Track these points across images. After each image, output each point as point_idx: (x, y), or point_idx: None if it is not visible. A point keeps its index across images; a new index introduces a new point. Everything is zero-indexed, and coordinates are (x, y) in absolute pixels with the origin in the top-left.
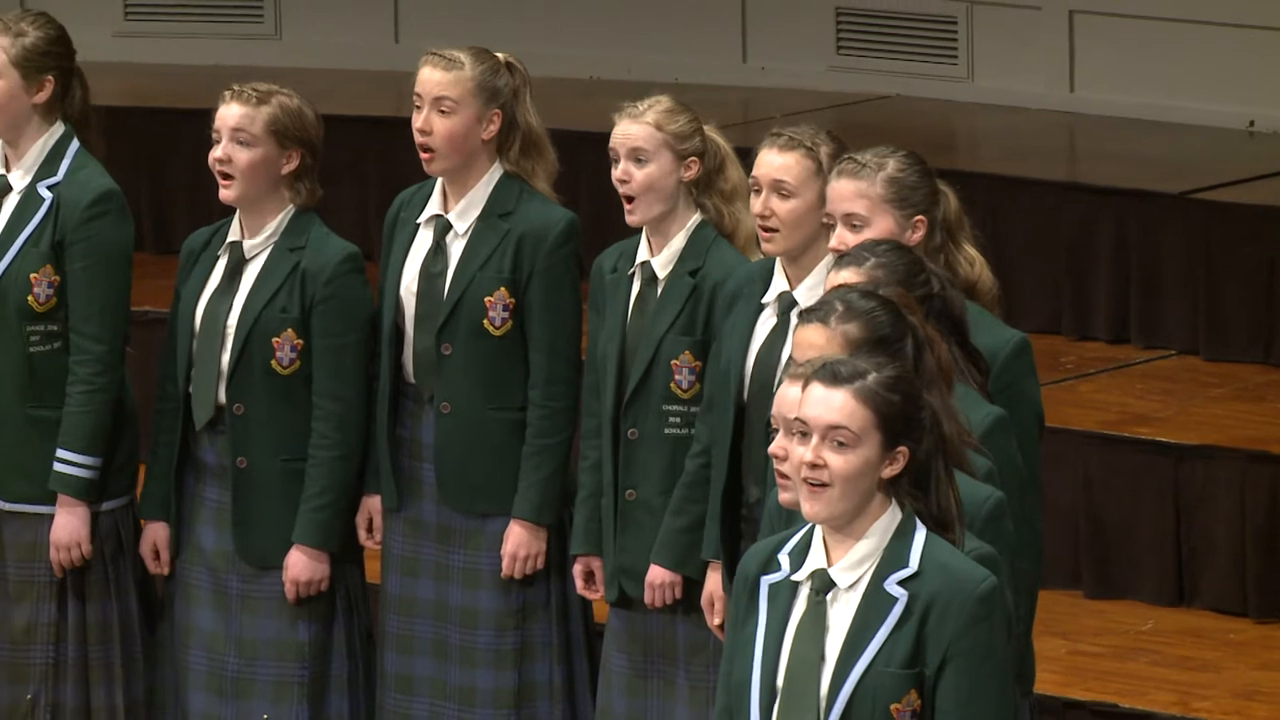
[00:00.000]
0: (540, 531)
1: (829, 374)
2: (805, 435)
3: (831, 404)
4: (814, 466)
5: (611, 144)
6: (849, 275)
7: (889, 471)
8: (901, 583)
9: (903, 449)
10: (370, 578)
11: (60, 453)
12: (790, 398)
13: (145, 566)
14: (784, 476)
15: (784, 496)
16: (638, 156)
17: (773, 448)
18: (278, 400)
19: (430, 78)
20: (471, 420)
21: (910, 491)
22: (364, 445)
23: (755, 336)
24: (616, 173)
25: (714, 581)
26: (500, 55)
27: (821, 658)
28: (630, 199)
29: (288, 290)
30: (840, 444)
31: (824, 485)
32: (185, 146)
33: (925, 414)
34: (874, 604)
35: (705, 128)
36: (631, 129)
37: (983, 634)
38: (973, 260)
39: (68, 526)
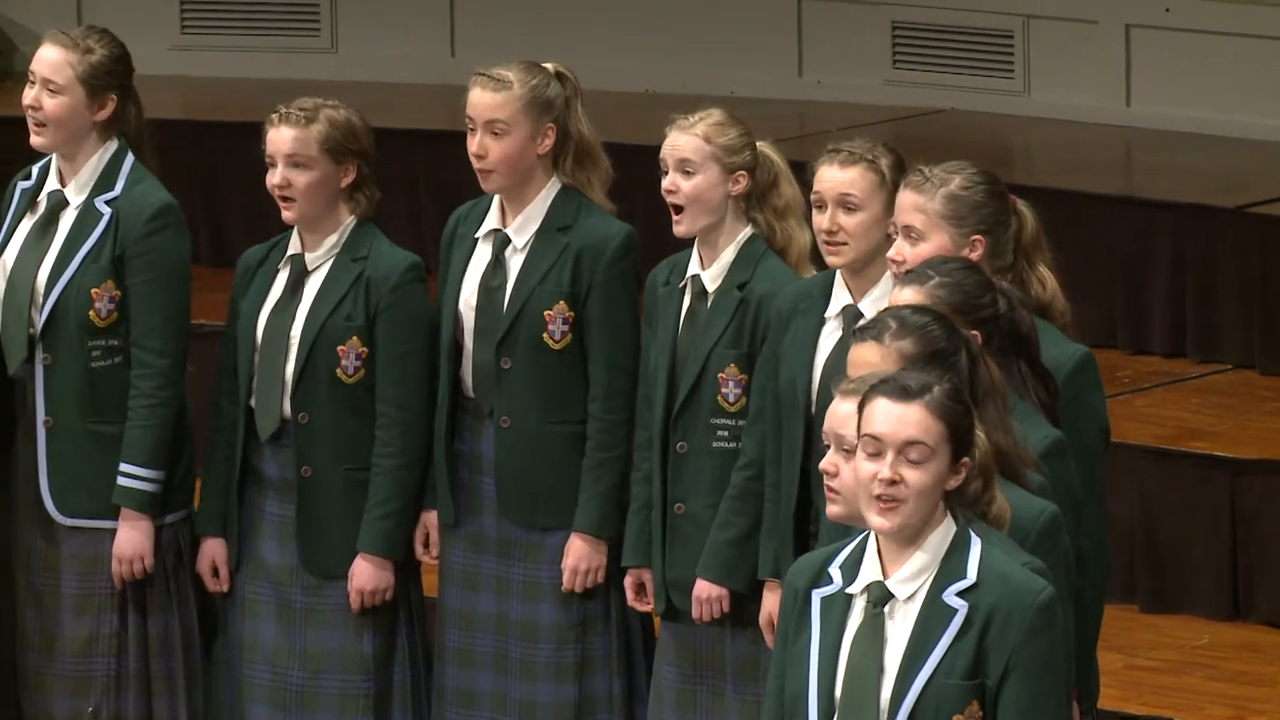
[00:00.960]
0: (601, 544)
1: (898, 389)
2: (874, 451)
3: (907, 419)
4: (892, 483)
5: (661, 154)
6: (911, 293)
7: (954, 483)
8: (961, 594)
9: (966, 460)
10: (427, 591)
11: (123, 466)
12: (841, 414)
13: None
14: (834, 491)
15: (833, 510)
16: (685, 168)
17: (824, 463)
18: (342, 409)
19: (480, 100)
20: (531, 434)
21: (962, 502)
22: (427, 454)
23: (820, 351)
24: (665, 183)
25: (771, 602)
26: (549, 66)
27: (880, 669)
28: (677, 210)
29: (352, 299)
30: (916, 459)
31: (899, 501)
32: (241, 159)
33: (977, 426)
34: (933, 615)
35: (759, 143)
36: (680, 140)
37: (1043, 644)
38: (1044, 281)
39: (131, 540)
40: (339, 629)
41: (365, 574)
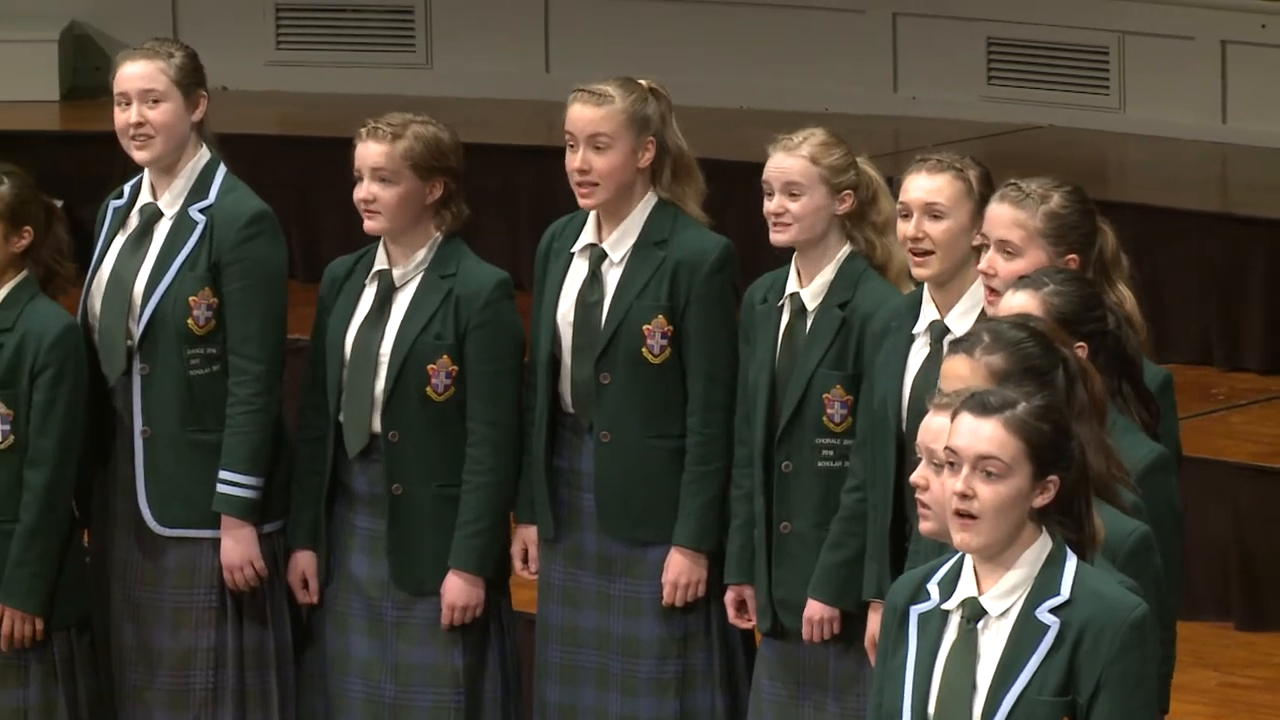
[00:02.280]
0: (700, 558)
1: (979, 404)
2: (955, 465)
3: (981, 434)
4: (964, 497)
5: (765, 176)
6: (1025, 298)
7: (1040, 500)
8: (1054, 610)
9: (1053, 478)
10: (524, 606)
11: (223, 474)
12: (934, 428)
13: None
14: (925, 506)
15: (924, 526)
16: (792, 190)
17: (914, 477)
18: (432, 427)
19: (582, 115)
20: (631, 448)
21: (1059, 519)
22: (518, 471)
23: (909, 368)
24: (771, 205)
25: (876, 622)
26: (643, 82)
27: (973, 686)
28: (781, 228)
29: (441, 317)
30: (990, 474)
31: (974, 516)
32: (335, 175)
33: (1075, 444)
34: (1026, 632)
35: (858, 160)
36: (786, 162)
37: (1135, 661)
38: (1123, 299)
39: (237, 548)
40: (430, 643)
41: (457, 590)
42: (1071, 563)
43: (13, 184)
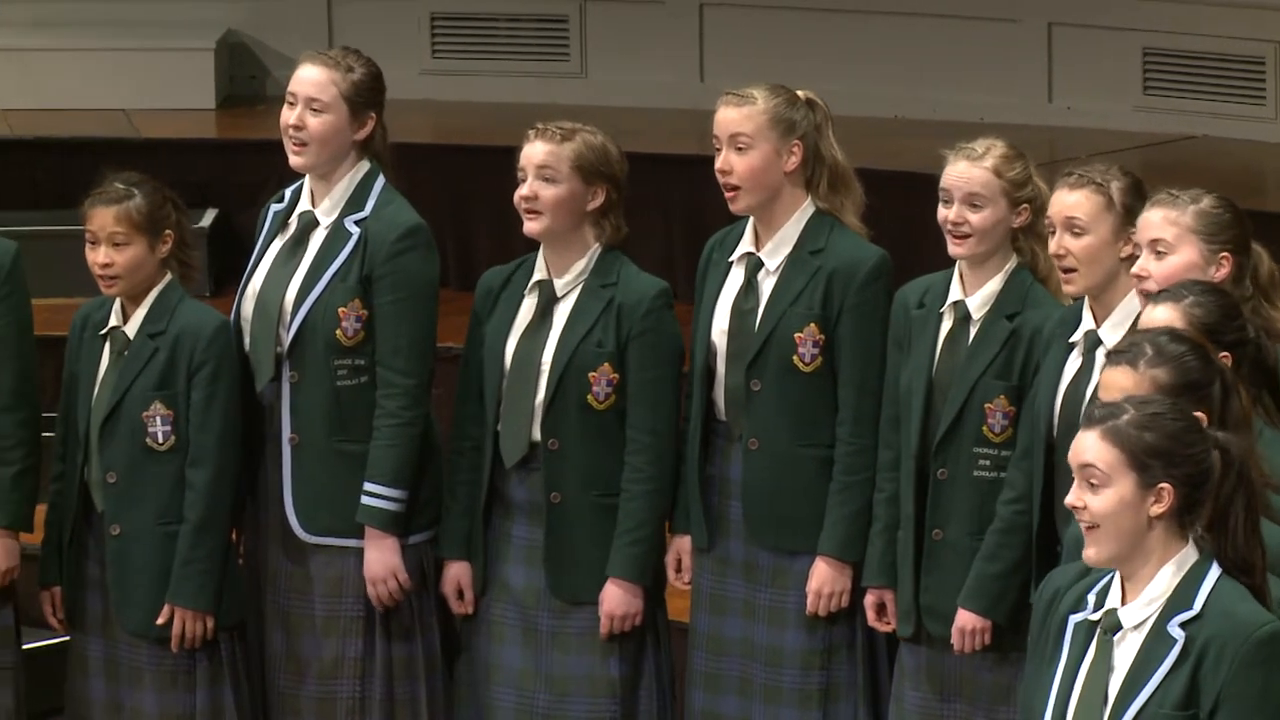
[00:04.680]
0: (846, 568)
1: (1087, 415)
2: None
3: (1084, 444)
4: (1076, 508)
5: (945, 183)
6: (1165, 311)
7: (1156, 509)
8: (1183, 624)
9: (1165, 486)
10: (679, 615)
11: (367, 485)
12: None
13: (444, 603)
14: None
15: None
16: (974, 201)
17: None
18: (592, 435)
19: (726, 116)
20: (779, 456)
21: (1206, 533)
22: (676, 479)
23: (1063, 377)
24: (950, 214)
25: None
26: (799, 92)
27: (1104, 698)
28: (960, 240)
29: (603, 325)
30: (1093, 484)
31: (1093, 526)
32: (490, 183)
33: (1198, 451)
34: (1155, 645)
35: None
36: (971, 172)
37: (1257, 679)
38: (1275, 319)
39: (380, 559)
40: (586, 653)
41: (616, 599)
42: (1212, 577)
43: (145, 193)
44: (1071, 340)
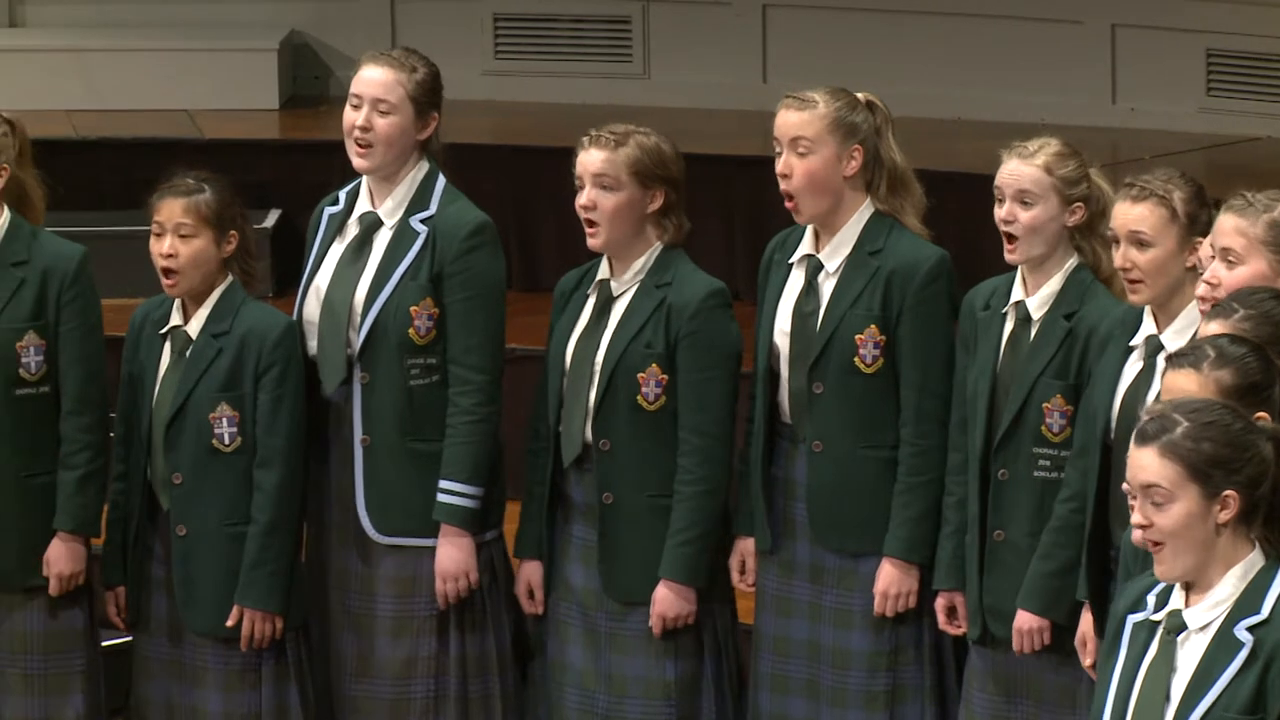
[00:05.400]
0: (912, 570)
1: (1139, 433)
2: (1135, 496)
3: (1141, 463)
4: (1142, 528)
5: (998, 182)
6: (1217, 327)
7: (1224, 516)
8: (1251, 628)
9: (1229, 493)
10: (747, 618)
11: (444, 483)
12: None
13: (516, 601)
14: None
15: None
16: (1024, 199)
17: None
18: (643, 436)
19: (786, 120)
20: (843, 458)
21: (1265, 529)
22: (728, 480)
23: (1122, 379)
24: (1001, 212)
25: (1087, 622)
26: (860, 95)
27: (1166, 698)
28: (1012, 239)
29: (653, 325)
30: (1156, 503)
31: (1159, 543)
32: (552, 184)
33: (1254, 452)
34: (1221, 648)
35: (1090, 171)
36: (1022, 169)
37: None
38: None
39: (454, 557)
40: (641, 655)
41: (666, 600)
42: None
43: (214, 189)
44: (1132, 343)
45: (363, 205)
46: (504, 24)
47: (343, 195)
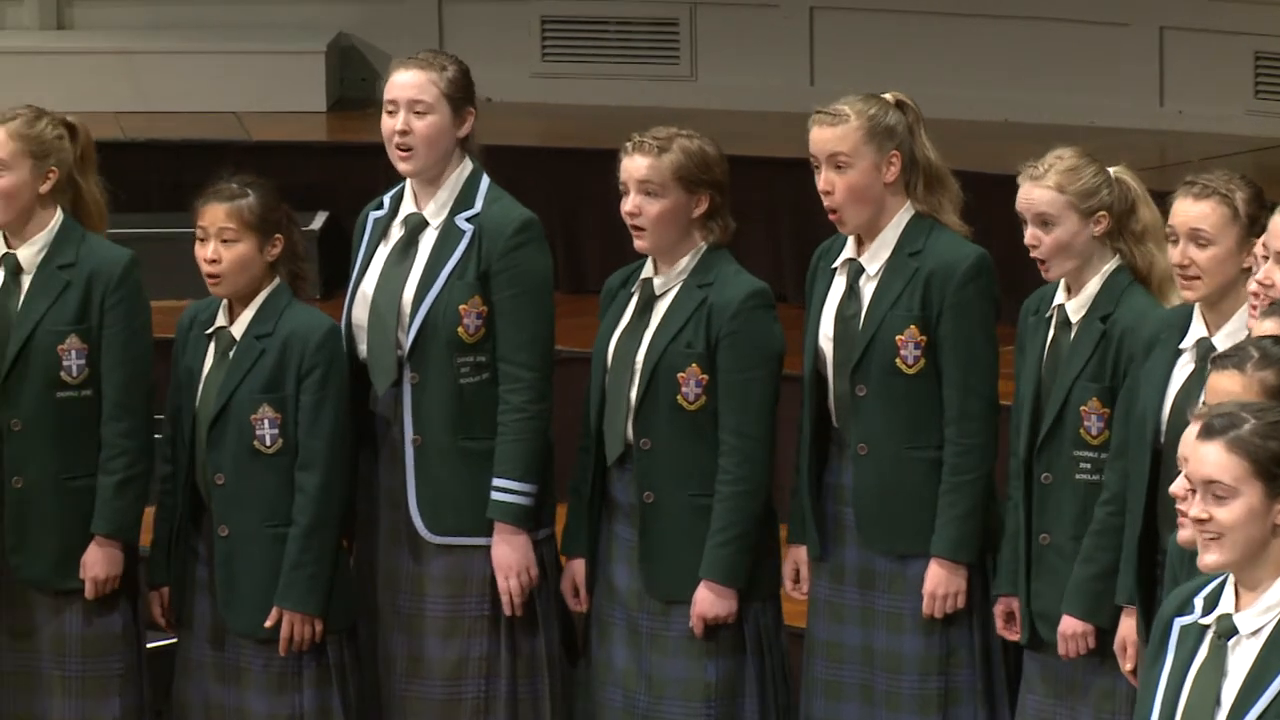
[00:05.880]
0: (959, 569)
1: (1205, 427)
2: (1193, 490)
3: (1206, 458)
4: (1200, 521)
5: (1018, 207)
6: (1272, 325)
7: None
8: None
9: None
10: (796, 620)
11: (497, 481)
12: (1193, 440)
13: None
14: (1185, 515)
15: (1183, 535)
16: (1044, 220)
17: (1174, 487)
18: (683, 435)
19: (820, 136)
20: (888, 460)
21: None
22: (768, 481)
23: (1172, 383)
24: (1026, 237)
25: (1127, 626)
26: (889, 95)
27: (1217, 703)
28: (1042, 261)
29: (694, 325)
30: (1218, 497)
31: (1214, 537)
32: (599, 187)
33: None
34: (1274, 653)
35: (1112, 170)
36: (1034, 193)
37: None
38: None
39: (512, 555)
40: (682, 656)
41: (706, 601)
42: None
43: (259, 194)
44: (1181, 346)
45: (407, 207)
46: (551, 26)
47: (387, 199)
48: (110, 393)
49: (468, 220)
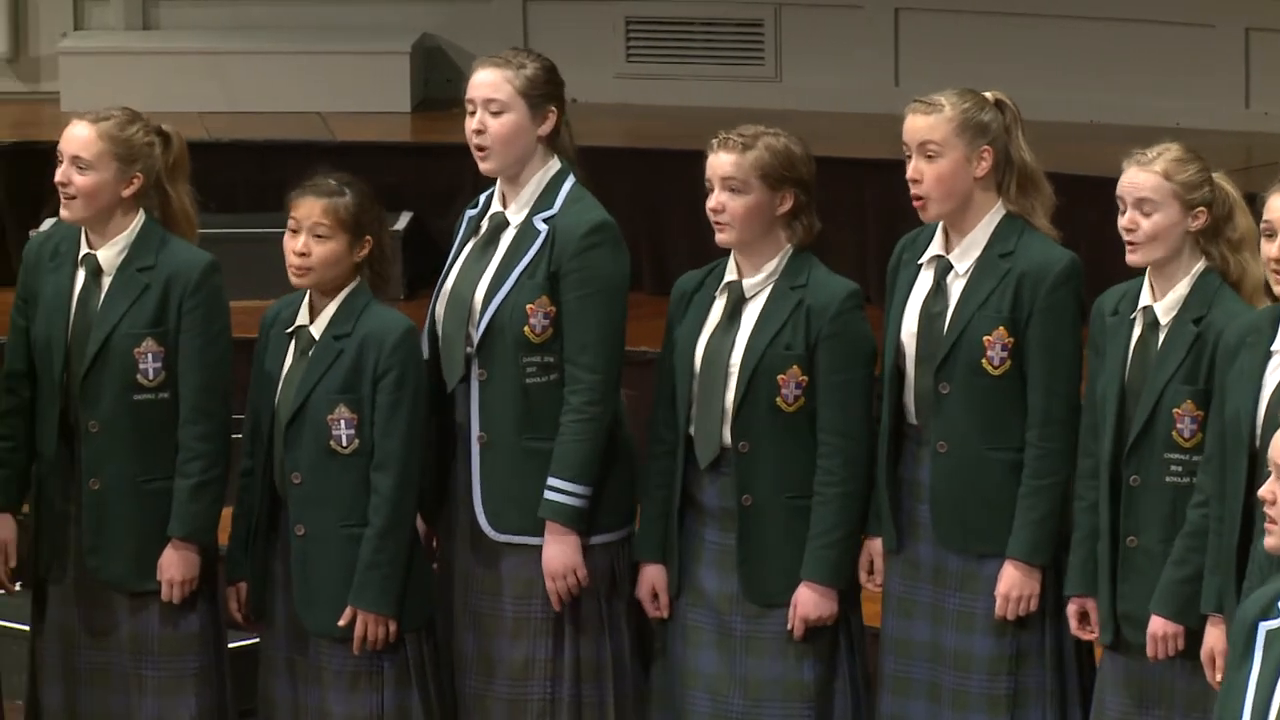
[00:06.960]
0: (1034, 572)
1: None
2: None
3: None
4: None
5: (1119, 191)
6: None
7: None
8: None
9: None
10: (874, 620)
11: (551, 480)
12: None
13: (640, 606)
14: (1273, 521)
15: (1270, 541)
16: (1144, 206)
17: (1262, 490)
18: (782, 437)
19: (913, 125)
20: (968, 460)
21: None
22: (869, 481)
23: (1265, 385)
24: (1123, 220)
25: (1214, 636)
26: (989, 94)
27: None
28: (1134, 245)
29: (791, 327)
30: None
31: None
32: (683, 187)
33: None
34: None
35: (1214, 175)
36: (1139, 177)
37: None
38: None
39: (560, 555)
40: (779, 657)
41: (809, 602)
42: None
43: (354, 193)
44: (1273, 348)
45: (495, 206)
46: (636, 27)
47: (482, 198)
48: (187, 396)
49: (544, 221)
